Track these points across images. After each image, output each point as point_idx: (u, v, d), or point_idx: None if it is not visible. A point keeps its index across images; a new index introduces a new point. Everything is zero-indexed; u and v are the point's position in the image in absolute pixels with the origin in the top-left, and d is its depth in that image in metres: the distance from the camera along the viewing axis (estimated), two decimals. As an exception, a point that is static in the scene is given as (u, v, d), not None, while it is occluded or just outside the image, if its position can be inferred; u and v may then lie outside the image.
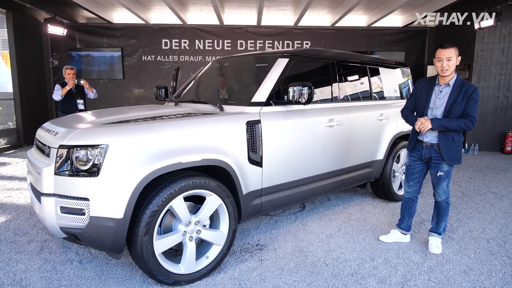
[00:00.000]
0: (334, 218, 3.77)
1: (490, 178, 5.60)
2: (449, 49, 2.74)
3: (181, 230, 2.42)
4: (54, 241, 3.15)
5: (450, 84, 2.83)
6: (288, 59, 3.14)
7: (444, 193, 3.00)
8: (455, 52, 2.75)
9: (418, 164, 3.07)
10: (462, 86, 2.79)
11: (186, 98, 3.70)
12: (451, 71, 2.79)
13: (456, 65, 2.79)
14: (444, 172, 2.93)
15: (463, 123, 2.73)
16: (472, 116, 2.73)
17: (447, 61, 2.75)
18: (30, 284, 2.47)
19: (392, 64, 4.49)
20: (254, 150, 2.75)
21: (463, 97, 2.76)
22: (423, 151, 2.98)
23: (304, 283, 2.53)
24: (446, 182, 2.96)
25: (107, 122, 2.50)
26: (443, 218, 3.05)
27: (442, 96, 2.87)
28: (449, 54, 2.74)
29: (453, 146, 2.85)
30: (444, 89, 2.86)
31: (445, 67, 2.76)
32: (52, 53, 9.08)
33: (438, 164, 2.94)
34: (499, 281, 2.58)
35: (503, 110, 8.03)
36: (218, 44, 9.27)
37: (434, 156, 2.94)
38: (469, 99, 2.74)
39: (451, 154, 2.86)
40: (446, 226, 3.08)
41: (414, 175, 3.10)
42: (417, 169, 3.08)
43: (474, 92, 2.74)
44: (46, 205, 2.20)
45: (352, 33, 9.35)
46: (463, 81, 2.82)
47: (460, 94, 2.77)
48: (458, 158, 2.89)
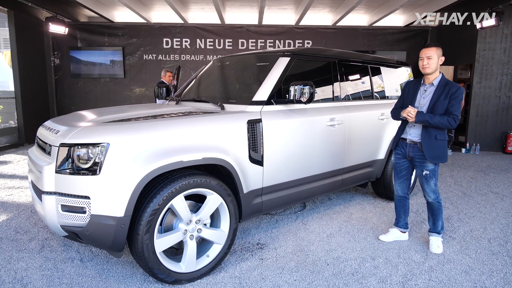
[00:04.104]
0: (335, 218, 3.77)
1: (492, 178, 5.59)
2: (430, 48, 2.85)
3: (182, 228, 2.42)
4: (55, 239, 3.16)
5: (434, 84, 2.91)
6: (289, 58, 3.13)
7: (433, 192, 2.99)
8: (436, 51, 2.85)
9: (403, 161, 3.11)
10: (446, 85, 2.85)
11: (187, 97, 3.71)
12: (432, 69, 2.87)
13: (440, 64, 2.89)
14: (430, 171, 2.94)
15: (446, 120, 2.77)
16: (455, 115, 2.77)
17: (428, 59, 2.85)
18: (31, 282, 2.48)
19: (394, 63, 4.48)
20: (255, 149, 2.75)
21: (446, 96, 2.81)
22: (407, 149, 3.04)
23: (305, 282, 2.52)
24: (433, 181, 2.96)
25: (108, 120, 2.50)
26: (438, 217, 3.04)
27: (426, 95, 2.94)
28: (429, 53, 2.84)
29: (435, 144, 2.87)
30: (429, 88, 2.94)
31: (425, 64, 2.86)
32: (53, 52, 9.09)
33: (422, 163, 2.96)
34: (500, 281, 2.57)
35: (504, 110, 8.01)
36: (219, 43, 9.26)
37: (417, 155, 2.97)
38: (452, 98, 2.79)
39: (433, 152, 2.88)
40: (443, 224, 3.08)
41: (401, 173, 3.15)
42: (403, 166, 3.12)
43: (457, 91, 2.79)
44: (47, 203, 2.20)
45: (354, 33, 9.33)
46: (448, 81, 2.89)
47: (443, 93, 2.83)
48: (441, 157, 2.89)
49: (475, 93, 8.00)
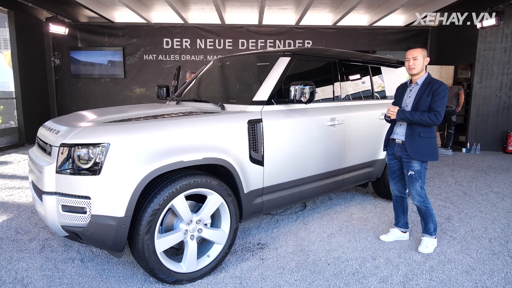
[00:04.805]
0: (335, 218, 3.76)
1: (492, 178, 5.59)
2: (415, 50, 2.92)
3: (183, 228, 2.42)
4: (56, 239, 3.16)
5: (419, 83, 2.95)
6: (289, 58, 3.13)
7: (418, 195, 2.95)
8: (421, 52, 2.90)
9: (394, 162, 3.13)
10: (430, 83, 2.89)
11: (188, 97, 3.70)
12: (418, 70, 2.92)
13: (425, 65, 2.94)
14: (415, 171, 2.93)
15: (427, 116, 2.78)
16: (437, 111, 2.79)
17: (413, 60, 2.92)
18: (32, 282, 2.48)
19: (394, 63, 4.47)
20: (255, 149, 2.75)
21: (429, 93, 2.85)
22: (395, 148, 3.06)
23: (306, 282, 2.52)
24: (419, 184, 2.93)
25: (108, 120, 2.50)
26: (427, 220, 3.02)
27: (412, 94, 2.98)
28: (415, 54, 2.90)
29: (419, 141, 2.87)
30: (414, 87, 2.98)
31: (411, 65, 2.92)
32: (53, 52, 9.09)
33: (408, 163, 2.96)
34: (501, 281, 2.57)
35: (505, 110, 8.01)
36: (220, 43, 9.27)
37: (404, 154, 2.98)
38: (434, 94, 2.82)
39: (417, 149, 2.88)
40: (436, 226, 3.04)
41: (394, 173, 3.16)
42: (395, 167, 3.14)
43: (440, 88, 2.82)
44: (47, 203, 2.20)
45: (354, 33, 9.33)
46: (432, 80, 2.92)
47: (426, 91, 2.87)
48: (426, 154, 2.88)
49: (475, 93, 8.00)
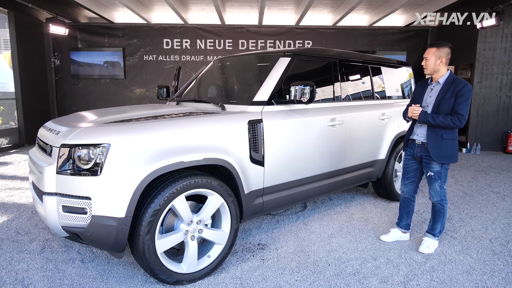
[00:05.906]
0: (335, 218, 3.76)
1: (492, 178, 5.59)
2: (429, 49, 2.88)
3: (183, 229, 2.42)
4: (56, 240, 3.16)
5: (440, 82, 2.86)
6: (290, 58, 3.13)
7: (436, 194, 2.94)
8: (434, 52, 2.83)
9: (412, 162, 3.08)
10: (453, 83, 2.78)
11: (188, 97, 3.70)
12: (430, 70, 2.87)
13: (443, 64, 2.83)
14: (435, 172, 2.89)
15: (449, 120, 2.70)
16: (461, 114, 2.68)
17: (425, 60, 2.88)
18: (32, 283, 2.47)
19: (394, 63, 4.48)
20: (256, 149, 2.75)
21: (452, 94, 2.74)
22: (415, 149, 3.01)
23: (306, 283, 2.52)
24: (438, 183, 2.91)
25: (109, 121, 2.50)
26: (437, 220, 3.00)
27: (433, 93, 2.90)
28: (426, 54, 2.90)
29: (441, 143, 2.81)
30: (435, 87, 2.89)
31: (423, 65, 2.91)
32: (53, 52, 9.09)
33: (428, 163, 2.92)
34: (502, 281, 2.57)
35: (505, 110, 8.01)
36: (220, 44, 9.27)
37: (424, 155, 2.94)
38: (457, 96, 2.71)
39: (439, 152, 2.82)
40: (443, 229, 3.03)
41: (409, 174, 3.11)
42: (411, 167, 3.09)
43: (464, 89, 2.70)
44: (48, 204, 2.20)
45: (354, 33, 9.33)
46: (455, 78, 2.80)
47: (449, 91, 2.76)
48: (448, 157, 2.82)
49: (475, 93, 7.99)
